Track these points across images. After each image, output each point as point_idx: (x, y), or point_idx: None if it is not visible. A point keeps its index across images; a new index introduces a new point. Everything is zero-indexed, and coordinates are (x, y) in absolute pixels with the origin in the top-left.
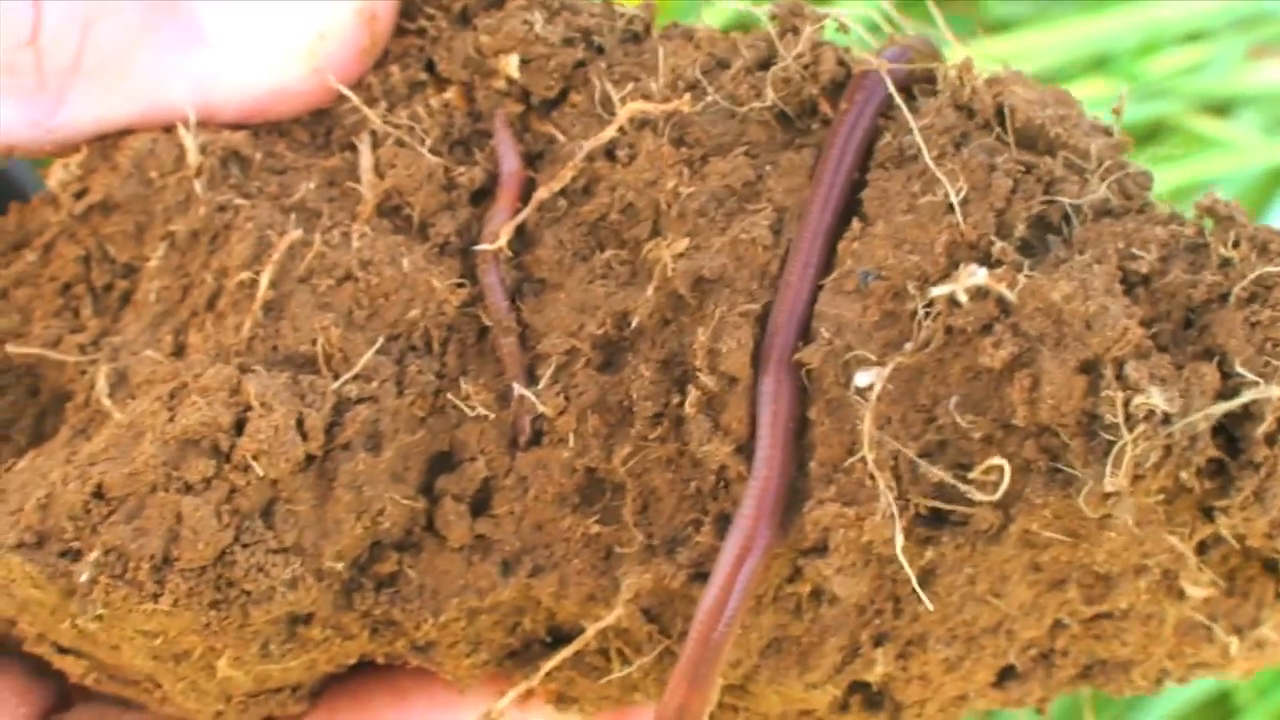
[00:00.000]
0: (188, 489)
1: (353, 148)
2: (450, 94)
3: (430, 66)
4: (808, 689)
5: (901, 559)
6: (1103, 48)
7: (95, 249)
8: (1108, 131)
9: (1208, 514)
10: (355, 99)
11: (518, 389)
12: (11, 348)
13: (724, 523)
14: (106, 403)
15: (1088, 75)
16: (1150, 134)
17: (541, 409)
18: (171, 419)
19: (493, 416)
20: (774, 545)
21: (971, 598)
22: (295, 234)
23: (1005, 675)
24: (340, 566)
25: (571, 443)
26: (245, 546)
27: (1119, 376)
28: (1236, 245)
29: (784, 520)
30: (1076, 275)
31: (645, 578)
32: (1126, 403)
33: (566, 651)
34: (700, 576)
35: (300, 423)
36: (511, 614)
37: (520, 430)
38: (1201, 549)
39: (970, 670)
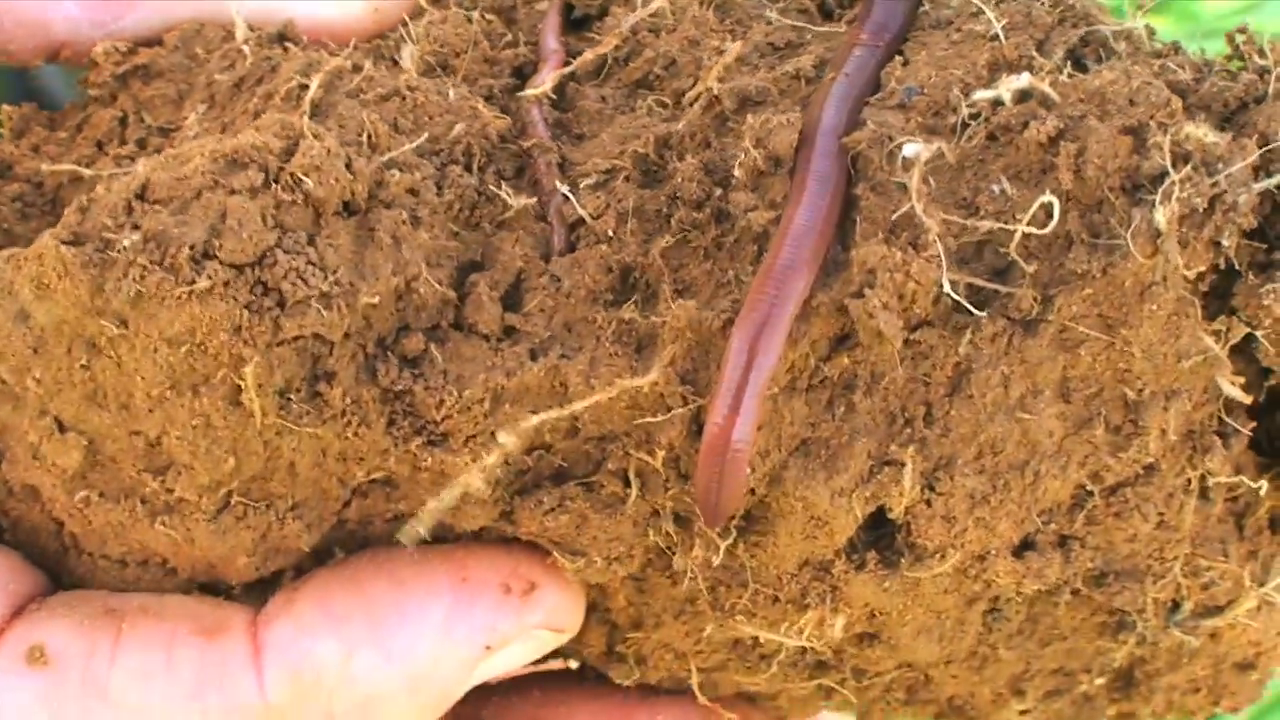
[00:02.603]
0: (234, 193)
1: (397, 44)
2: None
3: None
4: (833, 499)
5: (950, 293)
6: None
7: (132, 112)
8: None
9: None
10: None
11: (556, 196)
12: (45, 166)
13: None
14: None
15: (1148, 15)
16: None
17: (580, 211)
18: (222, 142)
19: (529, 224)
20: (815, 266)
21: (1003, 409)
22: (342, 61)
23: (1026, 546)
24: (375, 301)
25: (609, 241)
26: (286, 252)
27: (1164, 130)
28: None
29: (825, 256)
30: (1118, 67)
31: (685, 308)
32: (1175, 143)
33: (595, 397)
34: None
35: (349, 164)
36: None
37: (557, 240)
38: (1204, 491)
39: (994, 516)
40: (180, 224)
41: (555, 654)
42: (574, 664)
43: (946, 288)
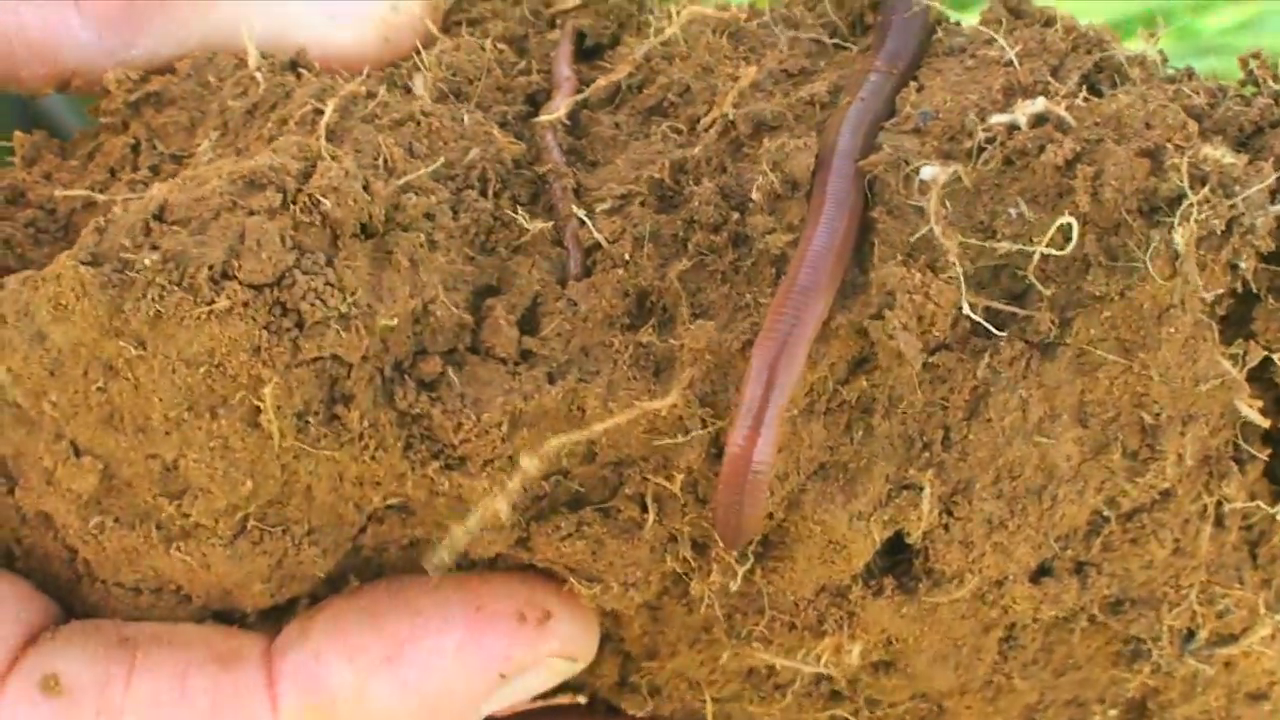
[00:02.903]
0: (253, 214)
1: (409, 72)
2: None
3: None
4: (851, 523)
5: (969, 312)
6: (1158, 4)
7: (144, 139)
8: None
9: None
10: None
11: (572, 221)
12: (59, 191)
13: None
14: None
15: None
16: None
17: (596, 235)
18: (239, 163)
19: (545, 248)
20: (834, 288)
21: (1021, 432)
22: (356, 86)
23: (1043, 572)
24: (393, 323)
25: (625, 265)
26: (305, 273)
27: (1181, 153)
28: None
29: (842, 278)
30: (1133, 92)
31: (704, 329)
32: (1192, 164)
33: (616, 419)
34: None
35: (367, 186)
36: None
37: (573, 264)
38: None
39: (1011, 541)
40: (199, 244)
41: (566, 686)
42: (582, 699)
43: (965, 309)
